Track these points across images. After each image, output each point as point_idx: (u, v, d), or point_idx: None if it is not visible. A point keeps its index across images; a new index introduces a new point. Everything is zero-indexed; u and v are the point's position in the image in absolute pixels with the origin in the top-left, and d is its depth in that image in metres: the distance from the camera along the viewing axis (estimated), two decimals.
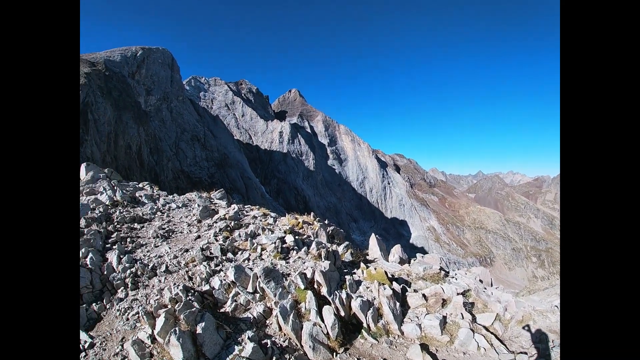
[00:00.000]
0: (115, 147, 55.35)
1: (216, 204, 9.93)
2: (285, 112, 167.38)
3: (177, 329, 5.07)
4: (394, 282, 7.51)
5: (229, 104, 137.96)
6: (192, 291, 6.03)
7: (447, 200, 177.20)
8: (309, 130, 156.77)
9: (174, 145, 79.89)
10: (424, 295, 7.28)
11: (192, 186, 62.86)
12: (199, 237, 8.19)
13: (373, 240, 10.32)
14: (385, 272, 7.73)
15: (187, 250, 7.51)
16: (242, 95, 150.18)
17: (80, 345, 5.43)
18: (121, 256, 7.23)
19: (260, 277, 6.43)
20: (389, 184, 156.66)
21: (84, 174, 13.15)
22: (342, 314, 6.35)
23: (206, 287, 6.19)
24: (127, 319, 5.95)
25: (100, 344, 5.51)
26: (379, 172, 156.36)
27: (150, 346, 5.27)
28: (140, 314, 5.88)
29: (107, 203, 9.86)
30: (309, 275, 7.03)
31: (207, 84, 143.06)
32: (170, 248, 7.65)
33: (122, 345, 5.41)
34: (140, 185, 13.42)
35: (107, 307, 6.33)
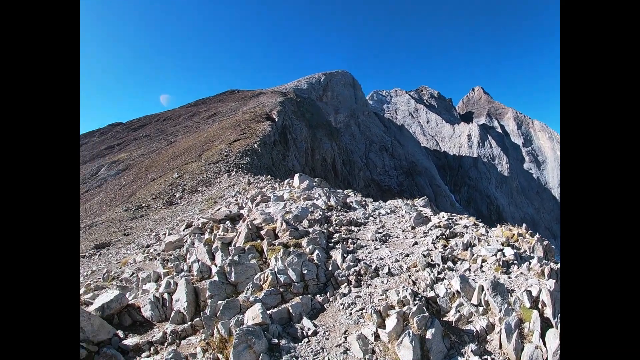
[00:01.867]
0: (313, 160, 63.22)
1: (422, 211, 9.95)
2: (472, 112, 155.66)
3: (410, 331, 5.18)
4: None
5: (412, 112, 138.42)
6: (419, 296, 6.10)
7: None
8: (499, 130, 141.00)
9: (364, 156, 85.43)
10: None
11: (382, 194, 65.48)
12: (416, 243, 8.30)
13: None
14: None
15: (407, 255, 7.70)
16: (424, 101, 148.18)
17: (304, 332, 5.99)
18: (345, 255, 7.95)
19: (487, 289, 5.98)
20: None
21: (297, 182, 15.38)
22: None
23: (431, 294, 6.18)
24: (351, 314, 6.33)
25: (324, 333, 5.94)
26: None
27: (373, 343, 5.49)
28: (366, 311, 6.23)
29: (323, 207, 11.15)
30: (534, 294, 6.16)
31: (388, 96, 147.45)
32: (390, 251, 8.03)
33: (345, 338, 5.75)
34: (346, 192, 14.69)
35: (330, 300, 6.89)
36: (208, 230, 11.47)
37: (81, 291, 8.87)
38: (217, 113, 73.90)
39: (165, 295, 7.18)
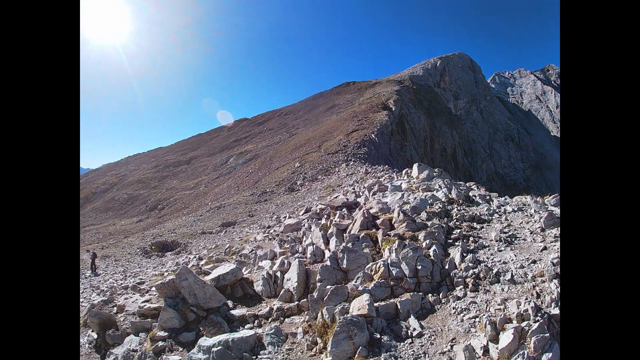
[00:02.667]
0: (432, 150, 60.11)
1: (553, 211, 8.29)
2: None
3: (525, 352, 4.43)
4: None
5: (539, 95, 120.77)
6: (542, 312, 5.03)
7: None
8: None
9: (487, 146, 78.07)
10: None
11: (506, 189, 59.09)
12: (545, 248, 6.98)
13: None
14: None
15: (534, 262, 6.51)
16: (552, 82, 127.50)
17: (408, 332, 5.56)
18: (464, 254, 7.13)
19: None
20: None
21: (416, 172, 14.52)
22: None
23: (555, 311, 5.02)
24: (462, 320, 5.69)
25: (429, 337, 5.46)
26: None
27: (480, 357, 4.81)
28: (480, 320, 5.44)
29: (443, 200, 10.25)
30: None
31: (511, 78, 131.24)
32: (515, 255, 6.90)
33: (452, 347, 5.18)
34: (468, 184, 13.34)
35: (442, 301, 6.30)
36: (325, 216, 11.69)
37: (202, 262, 9.83)
38: (334, 105, 75.89)
39: (278, 274, 7.46)
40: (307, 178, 36.66)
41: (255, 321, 6.23)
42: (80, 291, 14.26)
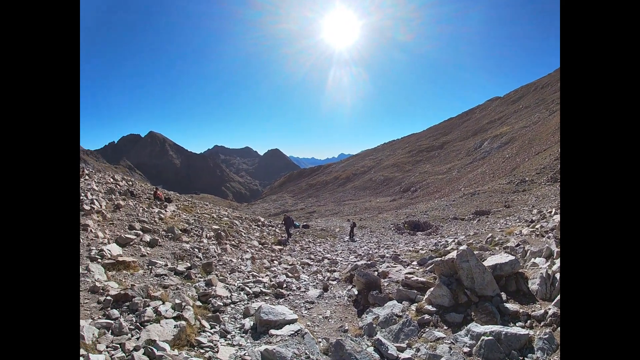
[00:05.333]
0: None
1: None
2: None
3: None
4: None
5: None
6: None
7: None
8: None
9: None
10: None
11: None
12: None
13: None
14: None
15: None
16: None
17: None
18: None
19: None
20: None
21: None
22: None
23: None
24: None
25: None
26: None
27: None
28: None
29: None
30: None
31: None
32: None
33: None
34: None
35: None
36: None
37: (462, 247, 9.40)
38: None
39: (557, 275, 6.39)
40: None
41: (528, 321, 5.56)
42: (339, 251, 16.91)
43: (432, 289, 6.58)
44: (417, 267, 9.22)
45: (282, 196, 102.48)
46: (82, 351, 4.31)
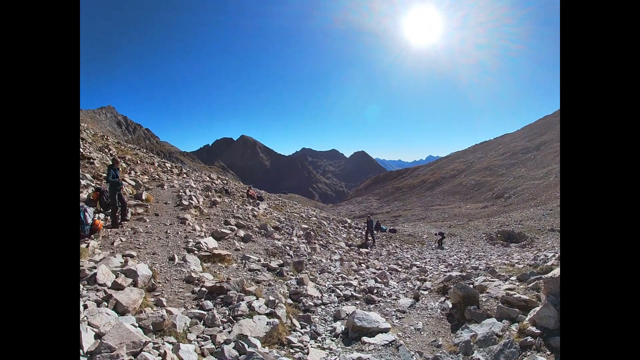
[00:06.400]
0: None
1: None
2: None
3: None
4: None
5: None
6: None
7: None
8: None
9: None
10: None
11: None
12: None
13: None
14: None
15: None
16: None
17: None
18: None
19: None
20: None
21: None
22: None
23: None
24: None
25: None
26: None
27: None
28: None
29: None
30: None
31: None
32: None
33: None
34: None
35: None
36: None
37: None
38: None
39: None
40: None
41: None
42: (428, 259, 16.20)
43: (537, 308, 5.94)
44: (517, 283, 8.43)
45: (368, 198, 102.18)
46: (172, 339, 4.53)
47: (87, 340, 3.89)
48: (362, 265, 12.02)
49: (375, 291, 8.33)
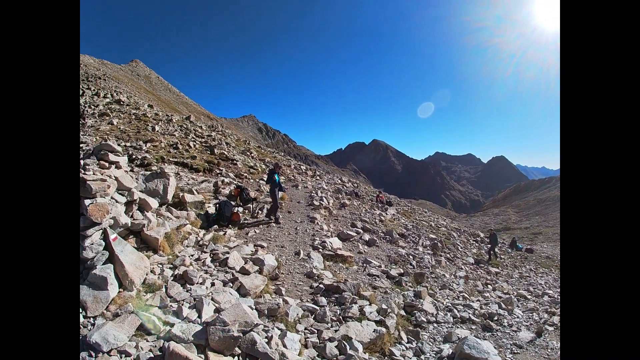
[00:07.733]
0: None
1: None
2: None
3: None
4: None
5: None
6: None
7: None
8: None
9: None
10: None
11: None
12: None
13: None
14: None
15: None
16: None
17: None
18: None
19: None
20: None
21: None
22: None
23: None
24: None
25: None
26: None
27: None
28: None
29: None
30: None
31: None
32: None
33: None
34: None
35: None
36: None
37: None
38: None
39: None
40: None
41: None
42: None
43: None
44: None
45: (505, 210, 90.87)
46: (282, 326, 4.82)
47: (207, 312, 4.50)
48: (489, 286, 10.76)
49: (495, 318, 7.30)
